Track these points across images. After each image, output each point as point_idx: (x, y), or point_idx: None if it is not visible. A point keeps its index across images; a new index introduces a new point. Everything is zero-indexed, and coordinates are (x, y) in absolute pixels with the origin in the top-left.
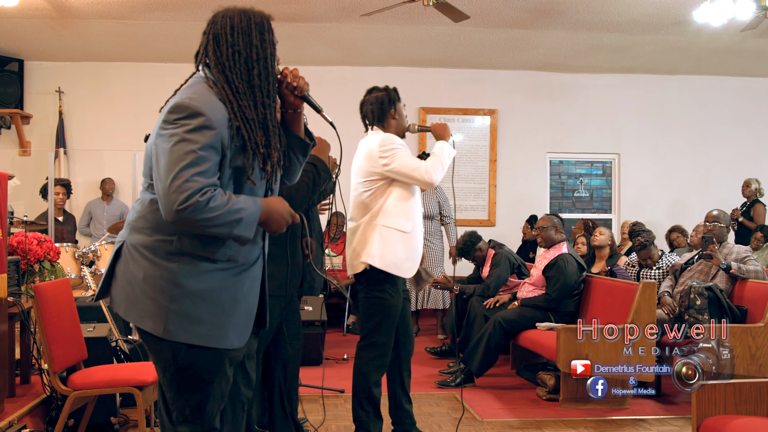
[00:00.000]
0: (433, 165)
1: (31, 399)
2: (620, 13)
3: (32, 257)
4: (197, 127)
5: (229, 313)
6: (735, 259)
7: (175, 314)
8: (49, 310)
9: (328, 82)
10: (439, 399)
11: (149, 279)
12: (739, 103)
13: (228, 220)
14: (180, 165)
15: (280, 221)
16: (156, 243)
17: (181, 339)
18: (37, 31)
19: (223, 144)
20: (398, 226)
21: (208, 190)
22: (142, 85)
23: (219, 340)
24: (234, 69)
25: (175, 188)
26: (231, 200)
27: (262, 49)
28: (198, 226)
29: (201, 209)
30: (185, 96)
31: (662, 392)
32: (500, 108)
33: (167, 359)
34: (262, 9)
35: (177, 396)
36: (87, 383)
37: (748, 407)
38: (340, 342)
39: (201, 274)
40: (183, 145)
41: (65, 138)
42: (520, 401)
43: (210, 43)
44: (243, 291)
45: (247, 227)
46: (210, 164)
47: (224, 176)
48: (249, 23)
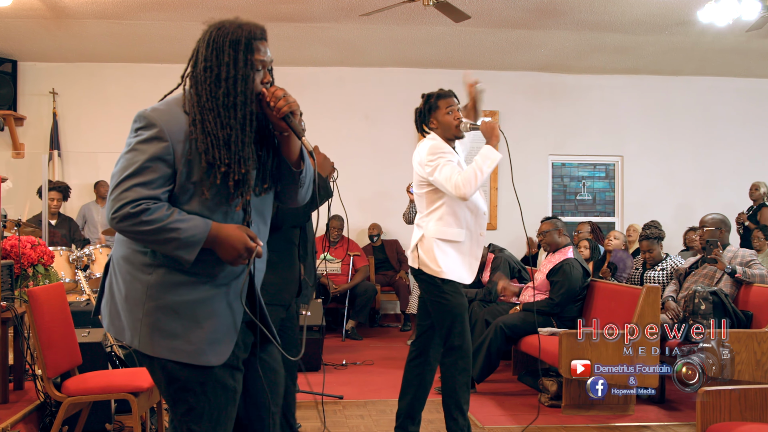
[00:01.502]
0: (467, 178)
1: (24, 405)
2: (623, 13)
3: (26, 261)
4: (149, 138)
5: (204, 328)
6: (740, 263)
7: (148, 327)
8: (43, 314)
9: (327, 83)
10: (439, 405)
11: (128, 292)
12: (744, 105)
13: (163, 238)
14: (125, 173)
15: (230, 251)
16: (134, 255)
17: (156, 353)
18: (30, 31)
19: (176, 156)
20: (450, 236)
21: (143, 202)
22: (138, 87)
23: (193, 355)
24: (204, 84)
25: (115, 196)
26: (172, 217)
27: (234, 68)
28: (134, 238)
29: (132, 220)
30: (151, 106)
31: (666, 398)
32: (501, 109)
33: (156, 373)
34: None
35: (173, 408)
36: (81, 389)
37: (753, 414)
38: (339, 347)
39: (176, 287)
40: (132, 155)
41: (59, 140)
42: (521, 407)
43: (193, 54)
44: (222, 305)
45: (187, 248)
46: (155, 176)
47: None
48: (224, 39)
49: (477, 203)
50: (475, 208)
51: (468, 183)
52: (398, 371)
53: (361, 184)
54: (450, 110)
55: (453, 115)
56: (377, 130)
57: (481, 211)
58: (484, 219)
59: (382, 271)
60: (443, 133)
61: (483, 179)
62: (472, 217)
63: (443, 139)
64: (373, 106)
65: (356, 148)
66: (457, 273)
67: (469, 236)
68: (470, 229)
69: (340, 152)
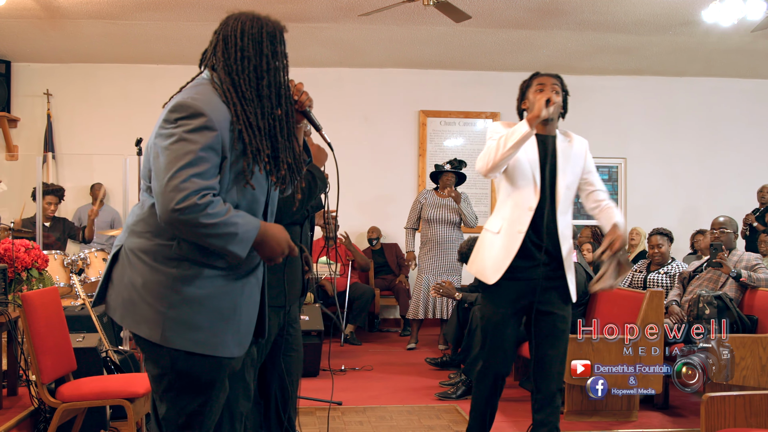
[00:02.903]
0: (484, 151)
1: (18, 411)
2: (627, 13)
3: (19, 265)
4: (198, 127)
5: (228, 320)
6: (745, 266)
7: (173, 321)
8: (37, 319)
9: (325, 84)
10: (440, 411)
11: (147, 284)
12: (749, 106)
13: (224, 232)
14: (178, 164)
15: (275, 248)
16: (156, 247)
17: (178, 346)
18: (24, 31)
19: (223, 146)
20: (489, 225)
21: (207, 193)
22: (133, 87)
23: (218, 347)
24: (242, 74)
25: (173, 187)
26: (230, 212)
27: (273, 59)
28: (192, 231)
29: (198, 212)
30: (187, 95)
31: (670, 404)
32: (503, 111)
33: (165, 366)
34: (256, 9)
35: (173, 403)
36: (76, 395)
37: (758, 420)
38: (338, 353)
39: (200, 280)
40: (182, 145)
41: (53, 142)
42: (523, 413)
43: (219, 43)
44: (243, 297)
45: (241, 244)
46: (209, 165)
47: (225, 180)
48: (260, 31)
49: (523, 195)
50: (519, 200)
51: (483, 156)
52: (398, 377)
53: (359, 186)
54: (541, 88)
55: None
56: (376, 131)
57: (526, 205)
58: (526, 215)
59: (382, 275)
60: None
61: (502, 154)
62: (513, 208)
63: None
64: (373, 107)
65: (355, 150)
66: (477, 266)
67: (506, 230)
68: (508, 222)
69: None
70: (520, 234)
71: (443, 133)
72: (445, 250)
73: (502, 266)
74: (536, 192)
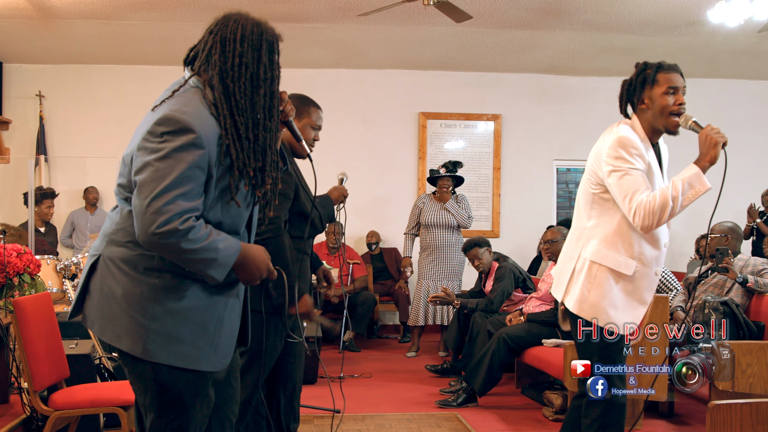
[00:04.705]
0: (653, 207)
1: (10, 419)
2: (631, 13)
3: (11, 270)
4: (184, 144)
5: (212, 334)
6: (751, 272)
7: (156, 333)
8: (30, 325)
9: (323, 85)
10: (440, 419)
11: (128, 295)
12: (756, 108)
13: (203, 258)
14: (162, 184)
15: (253, 272)
16: (137, 258)
17: (161, 360)
18: (16, 31)
19: (210, 164)
20: (614, 264)
21: (189, 217)
22: (127, 89)
23: (201, 361)
24: (238, 81)
25: (155, 209)
26: (211, 236)
27: (270, 69)
28: (171, 254)
29: (179, 238)
30: (175, 107)
31: (675, 412)
32: (504, 113)
33: (147, 380)
34: (253, 9)
35: (157, 418)
36: (69, 403)
37: (765, 428)
38: (336, 360)
39: (184, 292)
40: (168, 163)
41: (46, 144)
42: (525, 422)
43: (216, 46)
44: (227, 309)
45: (220, 269)
46: (194, 185)
47: (209, 197)
48: (260, 38)
49: (659, 231)
50: (655, 235)
51: (652, 214)
52: (397, 384)
53: (358, 189)
54: (672, 90)
55: (675, 98)
56: (376, 134)
57: (662, 241)
58: (662, 253)
59: (381, 280)
60: (651, 119)
61: (677, 213)
62: (648, 245)
63: (646, 129)
64: (372, 109)
65: (354, 153)
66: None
67: (642, 272)
68: (645, 263)
69: (337, 157)
70: (657, 276)
71: (443, 135)
72: (445, 255)
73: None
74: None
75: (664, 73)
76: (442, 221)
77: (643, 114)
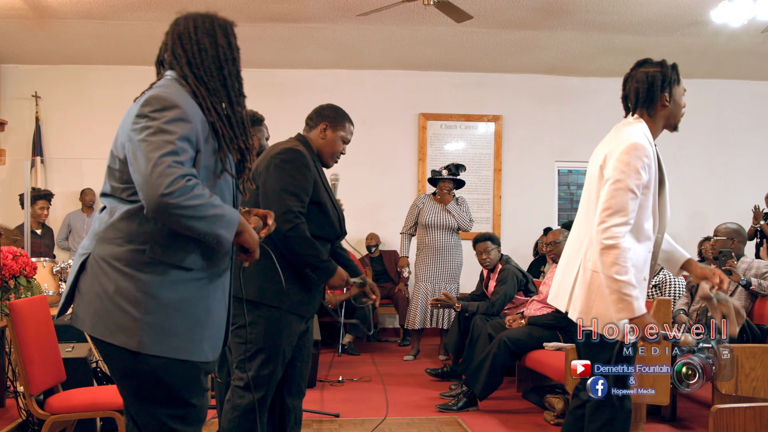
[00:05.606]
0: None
1: (6, 423)
2: (633, 14)
3: (7, 273)
4: (174, 118)
5: (203, 325)
6: (755, 274)
7: (150, 326)
8: (26, 329)
9: (323, 86)
10: (440, 423)
11: (121, 290)
12: (759, 109)
13: (212, 213)
14: (160, 152)
15: (250, 240)
16: (128, 254)
17: (156, 352)
18: (12, 32)
19: (198, 139)
20: None
21: (191, 177)
22: (124, 90)
23: (194, 352)
24: (202, 66)
25: (159, 173)
26: (212, 195)
27: (230, 50)
28: (182, 215)
29: (187, 194)
30: (159, 89)
31: (678, 416)
32: (505, 114)
33: (143, 374)
34: (252, 9)
35: (153, 412)
36: (65, 407)
37: None
38: (335, 363)
39: (175, 284)
40: (161, 135)
41: (42, 146)
42: (526, 426)
43: (175, 42)
44: (215, 301)
45: (228, 228)
46: (188, 156)
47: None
48: (212, 24)
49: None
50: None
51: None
52: (396, 388)
53: (358, 191)
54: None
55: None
56: (375, 135)
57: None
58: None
59: (380, 283)
60: (666, 118)
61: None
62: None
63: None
64: (371, 110)
65: (353, 154)
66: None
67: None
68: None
69: None
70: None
71: (444, 136)
72: (444, 257)
73: None
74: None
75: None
76: (443, 222)
77: (660, 112)
